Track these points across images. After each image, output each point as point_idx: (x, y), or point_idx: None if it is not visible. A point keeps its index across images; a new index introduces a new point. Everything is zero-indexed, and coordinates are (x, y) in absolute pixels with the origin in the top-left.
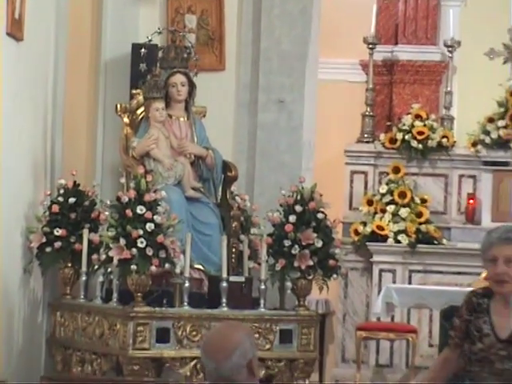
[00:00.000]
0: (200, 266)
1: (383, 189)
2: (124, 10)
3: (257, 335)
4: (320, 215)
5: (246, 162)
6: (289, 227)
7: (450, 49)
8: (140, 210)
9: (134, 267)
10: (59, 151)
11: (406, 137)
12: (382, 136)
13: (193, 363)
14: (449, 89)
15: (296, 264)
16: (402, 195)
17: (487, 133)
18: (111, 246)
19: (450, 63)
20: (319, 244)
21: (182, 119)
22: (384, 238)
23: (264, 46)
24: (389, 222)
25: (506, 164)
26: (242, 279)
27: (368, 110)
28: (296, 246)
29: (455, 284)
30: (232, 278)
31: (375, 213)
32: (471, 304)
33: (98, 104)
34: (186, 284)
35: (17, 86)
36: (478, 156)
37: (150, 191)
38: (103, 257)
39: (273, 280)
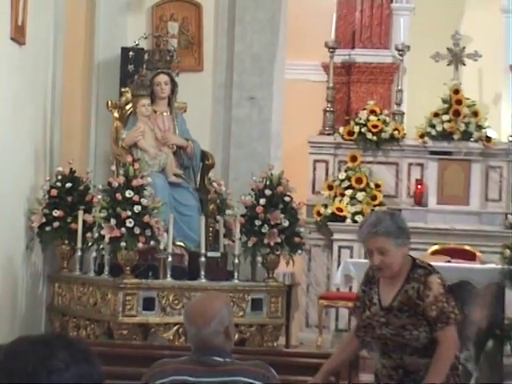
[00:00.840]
0: (181, 243)
1: (342, 175)
2: (114, 17)
3: (231, 304)
4: (287, 198)
5: (222, 151)
6: (259, 209)
7: (401, 52)
8: (128, 193)
9: (123, 244)
10: (57, 142)
11: (362, 130)
12: (341, 129)
13: (175, 328)
14: (399, 87)
15: (266, 241)
16: (359, 181)
17: (433, 126)
18: (103, 225)
19: (400, 65)
20: (286, 224)
21: (165, 114)
22: (343, 219)
23: (237, 50)
24: (347, 204)
25: (449, 153)
26: (218, 254)
27: (329, 106)
28: (266, 226)
29: None
30: (209, 254)
31: (335, 196)
32: (368, 276)
33: (91, 100)
34: (169, 259)
35: (19, 85)
36: (425, 146)
37: (137, 177)
38: (96, 235)
39: (245, 255)
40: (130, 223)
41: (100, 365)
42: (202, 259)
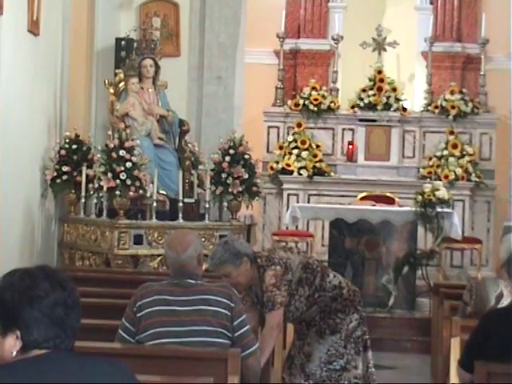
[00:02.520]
0: (163, 192)
1: (290, 138)
2: (110, 13)
3: (203, 239)
4: (246, 156)
5: (195, 119)
6: (225, 164)
7: (336, 41)
8: (122, 153)
9: (117, 193)
10: (65, 113)
11: (306, 102)
12: (289, 102)
13: (159, 259)
14: (335, 69)
15: (230, 190)
16: (303, 142)
17: (361, 99)
18: (102, 178)
19: (335, 51)
20: (246, 176)
21: (150, 90)
22: (290, 172)
23: (207, 39)
24: (294, 161)
25: (374, 121)
26: (193, 200)
27: (279, 84)
28: (230, 178)
29: (339, 203)
30: (186, 200)
31: (284, 155)
32: None
33: (92, 80)
34: (154, 204)
35: (35, 69)
36: (355, 115)
37: (129, 140)
38: (96, 186)
39: (214, 201)
40: (123, 176)
41: (76, 291)
42: (180, 204)
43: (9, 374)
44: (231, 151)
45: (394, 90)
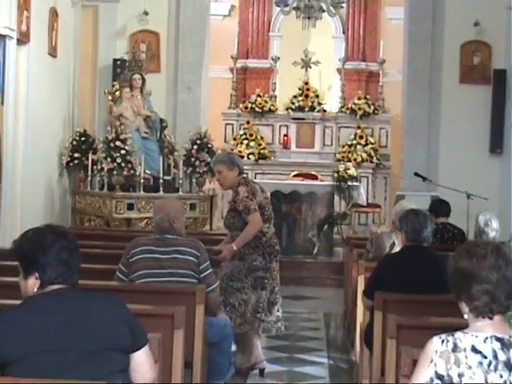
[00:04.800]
0: (148, 172)
1: (241, 132)
2: (109, 41)
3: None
4: (210, 145)
5: (172, 118)
6: (194, 151)
7: (274, 61)
8: (118, 143)
9: (115, 172)
10: (76, 114)
11: (253, 106)
12: (241, 105)
13: (145, 220)
14: (274, 81)
15: (197, 170)
16: (251, 135)
17: (293, 103)
18: (103, 161)
19: (274, 68)
20: (209, 160)
21: (138, 97)
22: (242, 157)
23: (180, 59)
24: (244, 148)
25: (302, 119)
26: (170, 178)
27: (233, 92)
28: (197, 161)
29: (278, 179)
30: (165, 177)
31: (237, 144)
32: None
33: (95, 90)
34: (142, 181)
35: (53, 83)
36: (289, 115)
37: (123, 134)
38: (99, 167)
39: (186, 178)
40: (119, 160)
41: (75, 239)
42: (161, 181)
43: (34, 303)
44: (198, 142)
45: (317, 96)
